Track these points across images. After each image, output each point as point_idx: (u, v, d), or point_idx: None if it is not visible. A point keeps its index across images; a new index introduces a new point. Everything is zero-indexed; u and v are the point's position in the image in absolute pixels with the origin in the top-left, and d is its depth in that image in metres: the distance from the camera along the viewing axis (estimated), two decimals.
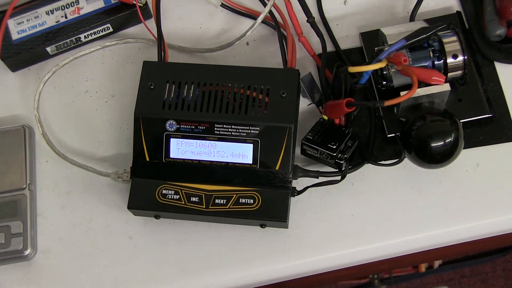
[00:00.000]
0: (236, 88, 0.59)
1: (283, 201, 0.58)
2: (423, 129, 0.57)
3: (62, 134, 0.67)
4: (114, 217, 0.63)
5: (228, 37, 0.69)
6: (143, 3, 0.68)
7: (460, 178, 0.61)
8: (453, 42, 0.59)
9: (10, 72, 0.71)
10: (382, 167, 0.61)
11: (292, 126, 0.58)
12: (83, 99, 0.69)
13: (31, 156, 0.65)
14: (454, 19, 0.66)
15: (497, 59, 0.64)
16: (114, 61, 0.70)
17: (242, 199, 0.58)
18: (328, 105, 0.60)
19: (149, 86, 0.61)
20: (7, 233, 0.61)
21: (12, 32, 0.69)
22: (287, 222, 0.58)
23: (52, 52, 0.70)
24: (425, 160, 0.57)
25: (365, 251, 0.60)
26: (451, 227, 0.60)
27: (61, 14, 0.69)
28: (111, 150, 0.66)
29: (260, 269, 0.60)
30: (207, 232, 0.61)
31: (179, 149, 0.59)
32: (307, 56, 0.66)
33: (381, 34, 0.62)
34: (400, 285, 1.38)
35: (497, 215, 0.60)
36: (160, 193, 0.59)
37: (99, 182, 0.64)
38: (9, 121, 0.68)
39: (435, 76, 0.55)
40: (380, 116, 0.63)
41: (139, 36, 0.70)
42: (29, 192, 0.63)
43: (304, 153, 0.61)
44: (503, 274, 1.40)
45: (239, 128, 0.58)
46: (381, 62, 0.56)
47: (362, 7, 0.69)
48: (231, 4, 0.70)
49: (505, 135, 0.62)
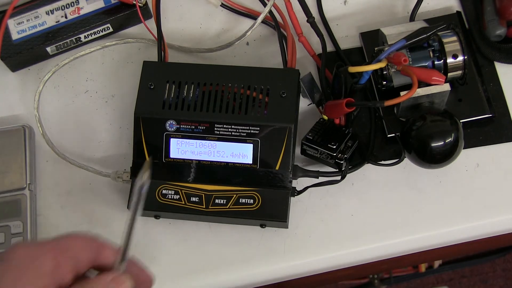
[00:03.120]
0: (236, 88, 0.59)
1: (283, 201, 0.58)
2: (423, 129, 0.57)
3: (62, 134, 0.67)
4: (114, 217, 0.63)
5: (228, 37, 0.69)
6: (143, 3, 0.68)
7: (460, 178, 0.61)
8: (453, 42, 0.59)
9: (10, 72, 0.71)
10: (382, 167, 0.61)
11: (292, 126, 0.58)
12: (83, 99, 0.69)
13: (31, 156, 0.65)
14: (454, 19, 0.66)
15: (497, 59, 0.64)
16: (114, 61, 0.70)
17: (242, 199, 0.58)
18: (328, 105, 0.60)
19: (149, 86, 0.61)
20: (7, 233, 0.61)
21: (12, 32, 0.69)
22: (287, 222, 0.58)
23: (52, 52, 0.70)
24: (425, 160, 0.57)
25: (365, 251, 0.60)
26: (451, 227, 0.60)
27: (61, 14, 0.69)
28: (111, 150, 0.66)
29: (260, 269, 0.60)
30: (207, 232, 0.61)
31: (179, 149, 0.59)
32: (307, 56, 0.66)
33: (381, 34, 0.62)
34: (400, 285, 1.38)
35: (497, 215, 0.60)
36: (160, 193, 0.59)
37: (99, 182, 0.64)
38: (9, 121, 0.68)
39: (435, 76, 0.55)
40: (380, 116, 0.63)
41: (139, 36, 0.70)
42: (29, 192, 0.63)
43: (304, 153, 0.61)
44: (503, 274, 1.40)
45: (239, 128, 0.58)
46: (381, 62, 0.56)
47: (362, 7, 0.69)
48: (231, 4, 0.70)
49: (505, 135, 0.62)
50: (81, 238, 0.47)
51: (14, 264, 0.43)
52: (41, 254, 0.44)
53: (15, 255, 0.43)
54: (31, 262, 0.43)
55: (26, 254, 0.43)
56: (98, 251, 0.47)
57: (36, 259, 0.43)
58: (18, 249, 0.44)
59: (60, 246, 0.45)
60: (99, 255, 0.47)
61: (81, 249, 0.46)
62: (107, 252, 0.47)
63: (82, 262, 0.46)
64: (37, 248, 0.44)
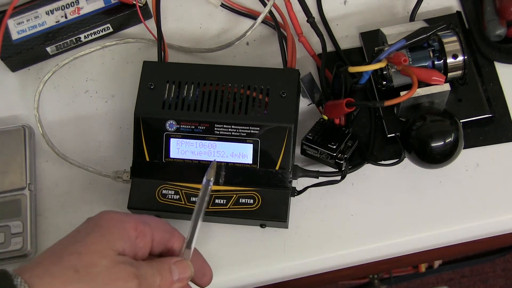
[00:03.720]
0: (236, 88, 0.59)
1: (283, 201, 0.58)
2: (423, 129, 0.57)
3: (62, 134, 0.67)
4: None
5: (228, 37, 0.69)
6: (143, 3, 0.68)
7: (460, 178, 0.61)
8: (453, 42, 0.59)
9: (10, 72, 0.71)
10: (382, 167, 0.61)
11: (292, 126, 0.58)
12: (83, 99, 0.69)
13: (31, 156, 0.65)
14: (454, 19, 0.66)
15: (497, 59, 0.64)
16: (114, 61, 0.70)
17: (242, 199, 0.58)
18: (328, 105, 0.60)
19: (149, 86, 0.61)
20: (7, 233, 0.61)
21: (12, 32, 0.69)
22: (287, 222, 0.58)
23: (52, 52, 0.70)
24: (425, 160, 0.57)
25: (365, 251, 0.60)
26: (451, 227, 0.60)
27: (61, 14, 0.69)
28: (111, 150, 0.66)
29: (260, 269, 0.60)
30: (207, 232, 0.61)
31: (179, 149, 0.59)
32: (307, 56, 0.66)
33: (381, 34, 0.62)
34: (400, 285, 1.38)
35: (497, 215, 0.60)
36: (160, 193, 0.59)
37: (99, 182, 0.64)
38: (9, 121, 0.68)
39: (435, 76, 0.55)
40: (380, 116, 0.63)
41: (139, 36, 0.70)
42: (29, 192, 0.63)
43: (304, 153, 0.61)
44: (503, 274, 1.41)
45: (239, 128, 0.58)
46: (381, 62, 0.56)
47: (362, 7, 0.69)
48: (231, 4, 0.70)
49: (505, 135, 0.62)
50: (159, 219, 0.53)
51: (101, 223, 0.48)
52: (126, 220, 0.49)
53: (103, 217, 0.49)
54: (118, 224, 0.48)
55: (114, 217, 0.49)
56: (170, 235, 0.52)
57: (122, 222, 0.49)
58: (106, 214, 0.49)
59: (143, 219, 0.50)
60: (170, 240, 0.52)
61: (159, 228, 0.51)
62: (176, 239, 0.52)
63: (157, 241, 0.51)
64: (124, 215, 0.50)
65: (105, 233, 0.47)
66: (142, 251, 0.50)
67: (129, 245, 0.48)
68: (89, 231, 0.47)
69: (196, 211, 0.54)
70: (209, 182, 0.55)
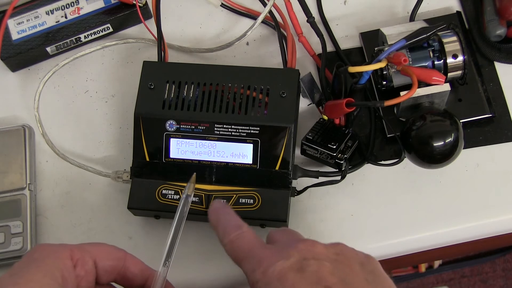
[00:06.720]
0: (236, 88, 0.59)
1: (283, 201, 0.58)
2: (423, 129, 0.57)
3: (62, 134, 0.67)
4: (114, 217, 0.63)
5: (228, 37, 0.69)
6: (143, 3, 0.68)
7: (460, 178, 0.61)
8: (453, 42, 0.59)
9: (10, 72, 0.71)
10: (382, 167, 0.61)
11: (292, 126, 0.58)
12: (83, 99, 0.69)
13: (31, 156, 0.65)
14: (454, 19, 0.66)
15: (497, 59, 0.64)
16: (114, 61, 0.70)
17: (242, 199, 0.58)
18: (328, 105, 0.60)
19: (149, 86, 0.61)
20: (7, 233, 0.61)
21: (12, 32, 0.69)
22: (287, 222, 0.58)
23: (52, 52, 0.70)
24: (425, 160, 0.57)
25: (364, 251, 0.60)
26: (451, 227, 0.60)
27: (61, 14, 0.69)
28: (111, 150, 0.66)
29: None
30: (207, 232, 0.61)
31: (179, 149, 0.59)
32: (307, 56, 0.66)
33: (381, 34, 0.62)
34: (400, 285, 1.38)
35: (497, 215, 0.60)
36: (160, 193, 0.59)
37: (99, 182, 0.64)
38: (9, 121, 0.68)
39: (435, 76, 0.55)
40: (380, 116, 0.63)
41: (139, 36, 0.70)
42: (29, 192, 0.63)
43: (304, 153, 0.61)
44: (503, 274, 1.41)
45: (239, 128, 0.58)
46: (381, 62, 0.56)
47: (362, 7, 0.69)
48: (231, 4, 0.70)
49: (505, 135, 0.62)
50: (105, 245, 0.48)
51: (35, 256, 0.45)
52: (60, 250, 0.46)
53: (37, 250, 0.46)
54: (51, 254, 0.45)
55: (47, 249, 0.46)
56: (122, 262, 0.48)
57: (55, 252, 0.46)
58: (40, 246, 0.46)
59: (82, 247, 0.47)
60: (121, 266, 0.48)
61: (104, 256, 0.47)
62: (129, 263, 0.48)
63: (103, 269, 0.47)
64: (57, 245, 0.47)
65: (41, 265, 0.44)
66: (85, 279, 0.46)
67: (68, 274, 0.45)
68: (24, 265, 0.44)
69: (173, 230, 0.51)
70: (188, 198, 0.52)
